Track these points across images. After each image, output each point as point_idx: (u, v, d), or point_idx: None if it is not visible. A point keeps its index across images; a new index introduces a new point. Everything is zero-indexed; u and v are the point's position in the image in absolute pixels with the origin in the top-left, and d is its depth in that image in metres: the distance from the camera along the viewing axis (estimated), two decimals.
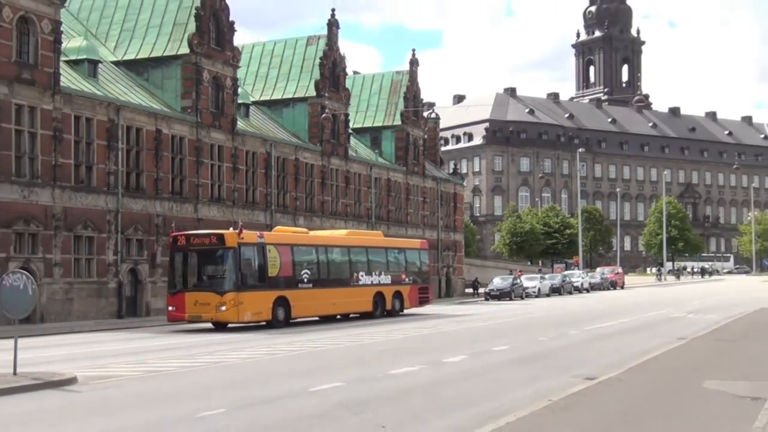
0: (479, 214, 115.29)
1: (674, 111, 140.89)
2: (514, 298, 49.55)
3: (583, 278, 63.82)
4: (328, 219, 46.29)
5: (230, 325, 27.05)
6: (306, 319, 29.89)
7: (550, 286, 56.31)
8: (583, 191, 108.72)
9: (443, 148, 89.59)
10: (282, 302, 27.43)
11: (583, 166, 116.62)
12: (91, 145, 32.68)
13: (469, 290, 60.33)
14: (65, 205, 31.42)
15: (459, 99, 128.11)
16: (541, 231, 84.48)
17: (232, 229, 27.37)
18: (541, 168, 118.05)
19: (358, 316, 32.29)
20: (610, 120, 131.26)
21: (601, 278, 67.70)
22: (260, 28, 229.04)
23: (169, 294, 27.29)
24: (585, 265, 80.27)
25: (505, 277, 54.35)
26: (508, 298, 49.27)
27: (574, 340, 21.83)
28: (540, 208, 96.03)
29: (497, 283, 51.39)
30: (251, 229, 29.69)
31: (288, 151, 44.09)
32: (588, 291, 61.69)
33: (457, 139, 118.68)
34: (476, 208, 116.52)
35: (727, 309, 34.40)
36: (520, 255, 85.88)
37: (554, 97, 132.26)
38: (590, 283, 63.93)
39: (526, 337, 22.58)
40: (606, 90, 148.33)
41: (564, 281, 58.93)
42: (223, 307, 25.64)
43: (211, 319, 26.32)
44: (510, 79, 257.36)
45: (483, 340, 21.99)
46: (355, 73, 58.63)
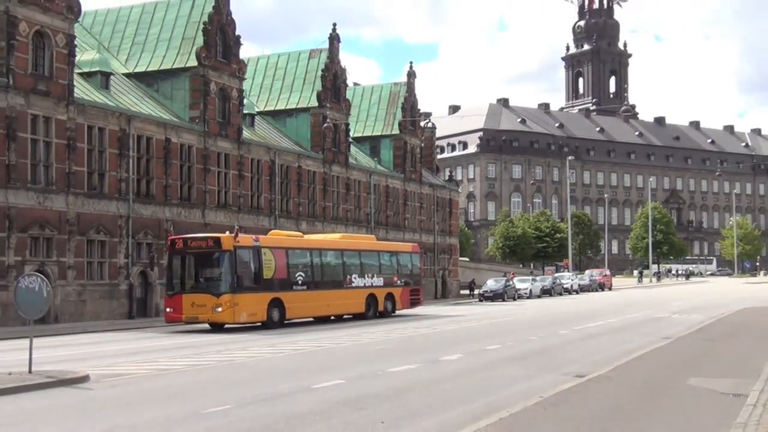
0: (473, 219, 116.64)
1: (659, 120, 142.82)
2: (507, 300, 50.05)
3: (573, 280, 64.46)
4: (330, 224, 46.62)
5: (226, 326, 27.10)
6: (300, 320, 29.97)
7: (541, 288, 56.93)
8: (572, 197, 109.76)
9: (439, 156, 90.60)
10: (277, 303, 27.55)
11: (573, 173, 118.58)
12: (104, 154, 33.27)
13: (465, 291, 60.93)
14: (78, 210, 31.98)
15: (454, 109, 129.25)
16: (533, 235, 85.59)
17: (228, 233, 27.14)
18: (533, 175, 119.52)
19: (351, 317, 32.39)
20: (598, 129, 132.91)
21: (590, 280, 68.33)
22: (265, 42, 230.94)
23: (166, 296, 27.47)
24: (574, 268, 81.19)
25: (499, 279, 54.88)
26: (501, 300, 49.73)
27: (565, 339, 22.08)
28: (531, 214, 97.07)
29: (491, 285, 51.88)
30: (255, 234, 30.06)
31: (291, 159, 44.88)
32: (577, 292, 62.12)
33: (453, 148, 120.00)
34: (471, 213, 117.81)
35: (710, 309, 35.01)
36: (512, 258, 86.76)
37: (545, 107, 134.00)
38: (579, 285, 64.48)
39: (519, 337, 22.81)
40: (594, 100, 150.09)
41: (554, 283, 59.56)
42: (220, 309, 25.73)
43: (208, 320, 26.41)
44: (503, 90, 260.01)
45: (478, 340, 22.16)
46: (356, 84, 59.04)
